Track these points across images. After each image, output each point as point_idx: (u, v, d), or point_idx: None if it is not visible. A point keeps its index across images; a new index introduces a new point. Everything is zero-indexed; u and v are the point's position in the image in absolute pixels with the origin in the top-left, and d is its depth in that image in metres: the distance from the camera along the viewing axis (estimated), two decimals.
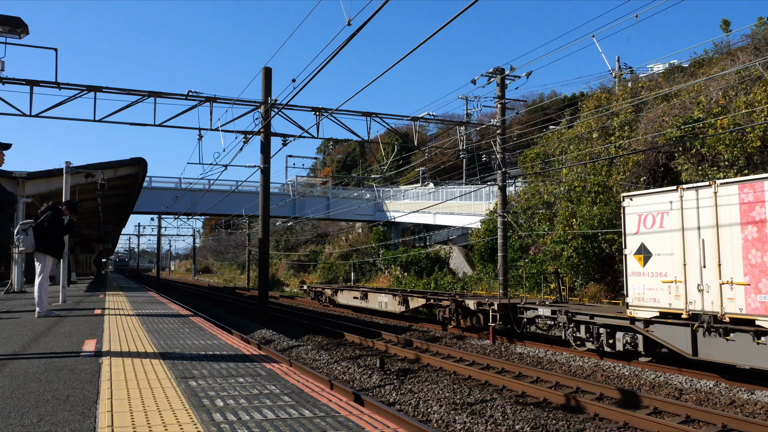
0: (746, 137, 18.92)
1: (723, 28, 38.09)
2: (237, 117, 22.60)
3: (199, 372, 5.32)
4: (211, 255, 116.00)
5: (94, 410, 3.92)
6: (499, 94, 23.54)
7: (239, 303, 37.47)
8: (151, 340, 7.39)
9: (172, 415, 3.78)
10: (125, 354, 6.23)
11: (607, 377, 13.96)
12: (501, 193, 23.65)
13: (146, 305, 13.99)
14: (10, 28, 11.23)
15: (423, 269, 37.48)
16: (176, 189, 43.90)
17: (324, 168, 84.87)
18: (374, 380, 12.85)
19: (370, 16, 10.09)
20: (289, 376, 5.29)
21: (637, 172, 23.36)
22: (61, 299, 14.27)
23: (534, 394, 12.03)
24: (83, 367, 5.48)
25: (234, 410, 3.93)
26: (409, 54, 11.15)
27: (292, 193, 48.02)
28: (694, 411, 10.24)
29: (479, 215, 32.91)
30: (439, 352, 17.53)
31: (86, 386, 4.66)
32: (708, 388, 12.52)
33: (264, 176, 24.09)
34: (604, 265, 23.39)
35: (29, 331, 8.30)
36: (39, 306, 10.31)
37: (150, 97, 20.41)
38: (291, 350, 17.46)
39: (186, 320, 10.33)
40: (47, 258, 10.43)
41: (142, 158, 23.17)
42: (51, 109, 19.29)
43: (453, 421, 9.60)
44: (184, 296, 46.55)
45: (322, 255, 57.81)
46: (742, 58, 23.85)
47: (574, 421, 9.98)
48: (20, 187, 20.17)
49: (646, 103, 25.05)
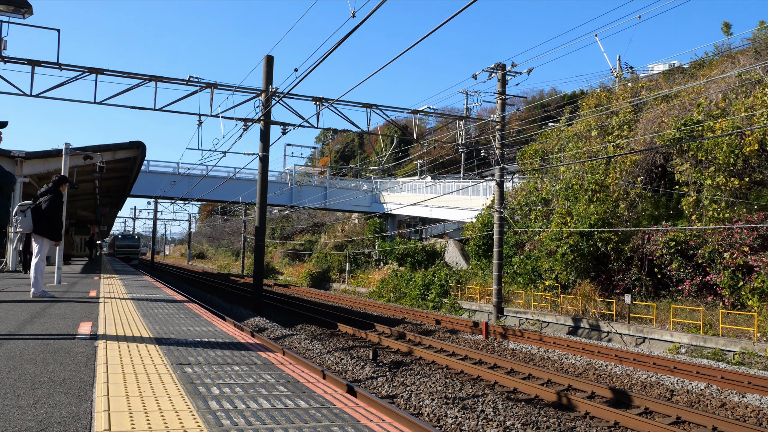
0: (744, 140, 18.95)
1: (724, 31, 38.07)
2: (237, 104, 22.58)
3: (194, 359, 5.32)
4: (206, 241, 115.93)
5: (90, 394, 3.92)
6: (500, 89, 23.52)
7: (233, 290, 37.50)
8: (147, 325, 7.39)
9: (169, 401, 3.78)
10: (120, 338, 6.23)
11: (599, 376, 14.03)
12: (498, 189, 23.66)
13: (141, 289, 13.99)
14: (14, 7, 11.14)
15: (419, 262, 37.54)
16: (174, 174, 43.80)
17: (322, 158, 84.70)
18: (367, 372, 12.89)
19: (375, 8, 10.06)
20: (284, 365, 5.30)
21: (634, 172, 23.40)
22: (56, 280, 14.26)
23: (526, 391, 12.08)
24: (79, 350, 5.48)
25: (230, 398, 3.94)
26: (411, 47, 11.13)
27: (290, 181, 47.95)
28: (684, 412, 10.30)
29: (476, 210, 32.94)
30: (432, 345, 17.59)
31: (82, 369, 4.66)
32: (699, 389, 12.60)
33: (263, 164, 24.06)
34: (598, 263, 23.46)
35: (24, 312, 8.29)
36: (34, 287, 10.29)
37: (151, 81, 20.34)
38: (284, 339, 17.49)
39: (181, 306, 10.33)
40: (44, 240, 10.41)
41: (141, 142, 23.10)
42: (52, 89, 19.23)
43: (444, 416, 9.64)
44: (178, 281, 46.54)
45: (317, 245, 57.81)
46: (742, 61, 23.84)
47: (565, 419, 10.03)
48: (18, 167, 20.12)
49: (645, 103, 25.05)
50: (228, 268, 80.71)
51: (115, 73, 19.86)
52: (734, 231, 18.42)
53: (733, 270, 18.36)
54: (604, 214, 22.65)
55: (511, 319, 23.88)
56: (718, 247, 18.77)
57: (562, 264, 23.57)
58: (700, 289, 19.77)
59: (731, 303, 18.53)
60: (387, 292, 35.02)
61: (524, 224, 27.32)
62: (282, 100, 22.45)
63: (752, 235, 18.09)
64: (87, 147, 20.53)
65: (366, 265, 46.07)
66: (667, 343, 17.80)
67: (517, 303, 25.44)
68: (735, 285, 18.27)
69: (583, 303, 22.12)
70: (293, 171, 51.89)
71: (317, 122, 23.28)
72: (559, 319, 21.99)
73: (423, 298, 31.15)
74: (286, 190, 47.38)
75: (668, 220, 21.90)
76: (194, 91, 21.18)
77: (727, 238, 18.58)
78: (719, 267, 18.75)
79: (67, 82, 19.34)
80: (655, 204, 23.29)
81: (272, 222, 70.39)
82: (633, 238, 22.26)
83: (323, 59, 13.24)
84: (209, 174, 41.89)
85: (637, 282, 22.03)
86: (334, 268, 49.27)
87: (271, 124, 23.84)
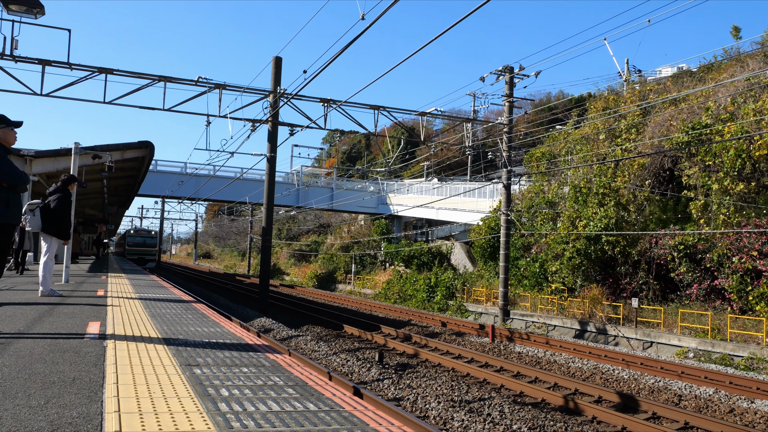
0: (753, 145, 18.85)
1: (733, 35, 37.96)
2: (246, 105, 22.64)
3: (203, 360, 5.33)
4: (212, 240, 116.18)
5: (100, 394, 3.93)
6: (508, 92, 23.49)
7: (240, 290, 37.57)
8: (155, 325, 7.40)
9: (178, 402, 3.78)
10: (129, 338, 6.24)
11: (606, 380, 13.98)
12: (505, 191, 23.63)
13: (148, 289, 14.02)
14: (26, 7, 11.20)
15: (424, 264, 37.50)
16: (182, 174, 43.90)
17: (329, 159, 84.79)
18: (373, 374, 12.88)
19: (384, 11, 10.05)
20: (292, 367, 5.30)
21: (642, 176, 23.31)
22: (64, 279, 14.31)
23: (532, 394, 12.05)
24: (88, 350, 5.49)
25: (239, 400, 3.94)
26: (419, 50, 11.12)
27: (297, 182, 47.98)
28: (693, 418, 10.25)
29: (483, 212, 32.87)
30: (438, 347, 17.57)
31: (92, 369, 4.67)
32: (707, 395, 12.53)
33: (270, 165, 24.09)
34: (605, 266, 23.37)
35: (33, 310, 8.32)
36: (42, 285, 10.32)
37: (160, 82, 20.40)
38: (290, 340, 17.50)
39: (189, 306, 10.35)
40: (53, 239, 10.45)
41: (149, 141, 23.20)
42: (62, 89, 19.33)
43: (451, 419, 9.62)
44: (185, 281, 46.66)
45: (323, 245, 57.82)
46: (751, 65, 23.74)
47: (572, 423, 10.00)
48: (27, 165, 20.23)
49: (654, 107, 24.96)
50: (234, 268, 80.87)
51: (125, 73, 19.93)
52: (742, 235, 18.32)
53: (741, 274, 18.25)
54: (613, 217, 22.55)
55: (517, 322, 23.83)
56: (726, 252, 18.66)
57: (569, 267, 23.49)
58: (708, 294, 19.67)
59: (739, 308, 18.43)
60: (393, 294, 34.97)
61: (531, 227, 27.25)
62: (290, 102, 22.48)
63: (761, 240, 17.98)
64: (96, 146, 20.61)
65: (372, 266, 46.06)
66: (675, 348, 17.72)
67: (523, 306, 25.37)
68: (743, 290, 18.17)
69: (590, 306, 22.04)
70: (300, 172, 51.94)
71: (325, 123, 23.28)
72: (566, 322, 21.92)
73: (429, 300, 31.11)
74: (293, 191, 47.42)
75: (676, 223, 21.81)
76: (203, 91, 21.24)
77: (735, 242, 18.48)
78: (727, 271, 18.64)
79: (77, 81, 19.42)
80: (663, 207, 23.19)
81: (278, 222, 70.49)
82: (641, 242, 22.17)
83: (332, 61, 13.24)
84: (217, 174, 42.02)
85: (644, 286, 21.93)
86: (340, 269, 49.27)
87: (279, 125, 23.87)
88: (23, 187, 6.07)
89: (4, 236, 5.99)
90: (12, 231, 6.14)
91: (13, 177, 5.94)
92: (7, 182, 5.88)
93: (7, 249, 6.18)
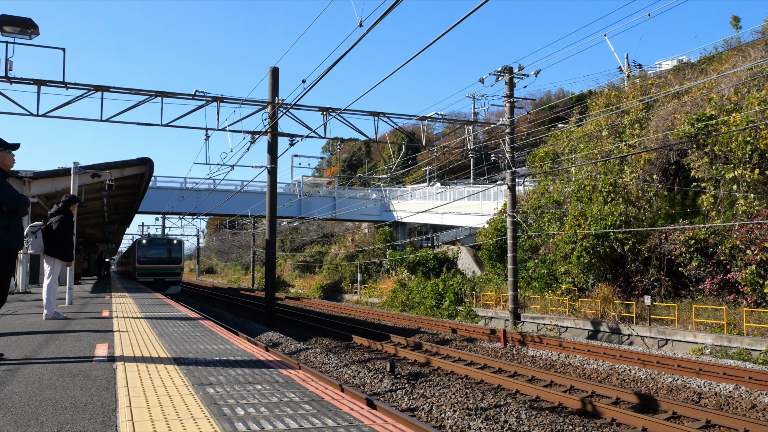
0: (759, 134, 18.67)
1: (733, 25, 37.84)
2: (244, 117, 22.46)
3: (215, 378, 5.15)
4: (215, 255, 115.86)
5: (114, 419, 3.76)
6: (508, 92, 23.34)
7: (245, 304, 37.34)
8: (164, 345, 7.22)
9: (194, 424, 3.61)
10: (138, 359, 6.06)
11: (623, 380, 13.75)
12: (510, 193, 23.45)
13: (154, 307, 13.83)
14: (21, 28, 11.10)
15: (430, 270, 37.20)
16: (182, 189, 43.78)
17: (330, 167, 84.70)
18: (385, 384, 12.67)
19: (381, 16, 9.90)
20: (307, 383, 5.12)
21: (649, 170, 23.11)
22: (68, 300, 14.12)
23: (548, 399, 11.82)
24: (98, 373, 5.32)
25: (256, 419, 3.76)
26: (417, 54, 10.97)
27: (298, 193, 47.84)
28: (714, 415, 10.03)
29: (488, 215, 32.66)
30: (450, 355, 17.34)
31: (103, 393, 4.50)
32: (728, 391, 12.29)
33: (271, 176, 23.94)
34: (615, 264, 23.12)
35: (38, 334, 8.15)
36: (47, 308, 10.16)
37: (157, 97, 20.29)
38: (299, 353, 17.30)
39: (196, 324, 10.16)
40: (56, 261, 10.29)
41: (148, 158, 23.05)
42: (58, 108, 19.20)
43: (468, 427, 9.41)
44: (189, 297, 46.46)
45: (327, 256, 57.61)
46: (753, 54, 23.60)
47: (591, 427, 9.79)
48: (26, 187, 20.06)
49: (656, 101, 24.80)
50: (238, 282, 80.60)
51: (121, 90, 19.82)
52: (754, 227, 18.09)
53: (755, 267, 17.99)
54: (620, 215, 22.34)
55: (528, 325, 23.58)
56: (739, 244, 18.40)
57: (579, 267, 23.25)
58: (722, 288, 19.41)
59: (754, 301, 18.18)
60: (399, 302, 34.68)
61: (537, 227, 27.04)
62: (289, 112, 22.35)
63: None
64: (95, 165, 20.46)
65: (378, 275, 45.81)
66: (691, 345, 17.47)
67: (533, 308, 25.13)
68: (757, 282, 17.92)
69: (602, 306, 21.79)
70: (301, 182, 51.81)
71: (324, 132, 23.12)
72: (578, 323, 21.67)
73: (437, 307, 30.85)
74: (294, 202, 47.29)
75: (685, 218, 21.60)
76: (200, 105, 21.11)
77: (747, 234, 18.24)
78: (740, 264, 18.40)
79: (73, 100, 19.31)
80: (671, 202, 22.98)
81: (281, 234, 70.32)
82: (650, 238, 21.93)
83: (330, 69, 13.09)
84: (217, 188, 41.86)
85: (656, 282, 21.68)
86: (346, 278, 49.00)
87: (278, 135, 23.74)
88: (24, 211, 5.94)
89: (7, 261, 5.86)
90: (15, 255, 6.01)
91: (14, 201, 5.82)
92: (7, 206, 5.77)
93: (10, 273, 6.04)
